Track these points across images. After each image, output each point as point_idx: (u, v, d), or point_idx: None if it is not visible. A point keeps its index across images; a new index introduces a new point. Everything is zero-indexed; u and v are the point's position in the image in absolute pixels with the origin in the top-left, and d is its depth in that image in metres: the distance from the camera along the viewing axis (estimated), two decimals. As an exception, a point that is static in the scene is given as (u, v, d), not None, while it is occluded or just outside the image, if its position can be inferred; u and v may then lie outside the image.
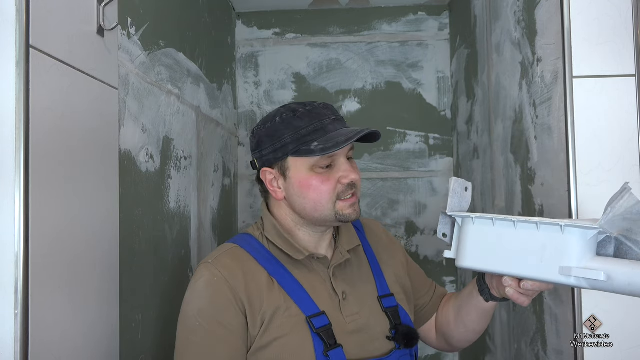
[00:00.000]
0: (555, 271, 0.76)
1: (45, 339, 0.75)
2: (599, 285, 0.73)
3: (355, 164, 0.98)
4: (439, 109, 2.15)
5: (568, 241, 0.75)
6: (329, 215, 0.93)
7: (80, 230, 0.85)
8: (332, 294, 0.96)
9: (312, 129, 0.92)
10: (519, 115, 1.29)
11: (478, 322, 1.01)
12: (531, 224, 0.79)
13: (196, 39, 1.58)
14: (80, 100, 0.85)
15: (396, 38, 2.16)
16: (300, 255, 0.95)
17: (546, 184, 1.12)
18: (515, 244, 0.81)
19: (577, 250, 0.74)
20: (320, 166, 0.92)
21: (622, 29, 0.98)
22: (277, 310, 0.90)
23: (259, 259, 0.95)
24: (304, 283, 0.94)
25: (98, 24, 0.90)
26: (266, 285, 0.92)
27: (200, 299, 0.91)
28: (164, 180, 1.27)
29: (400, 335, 0.96)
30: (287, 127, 0.93)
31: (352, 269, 1.01)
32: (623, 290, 0.71)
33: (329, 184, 0.92)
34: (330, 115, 0.94)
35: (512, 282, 0.83)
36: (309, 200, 0.93)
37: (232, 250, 0.96)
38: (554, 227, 0.76)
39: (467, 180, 0.97)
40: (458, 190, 0.88)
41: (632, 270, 0.70)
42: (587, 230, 0.74)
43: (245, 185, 2.15)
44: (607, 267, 0.72)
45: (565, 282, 0.76)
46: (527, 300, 0.85)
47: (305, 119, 0.92)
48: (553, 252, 0.76)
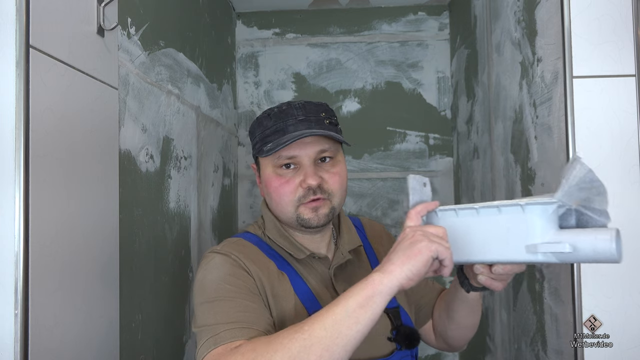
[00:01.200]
0: (523, 251, 0.76)
1: (45, 339, 0.75)
2: (566, 257, 0.73)
3: (332, 167, 0.95)
4: (439, 109, 2.15)
5: (530, 219, 0.76)
6: (291, 217, 0.93)
7: (80, 230, 0.85)
8: (333, 294, 0.96)
9: (274, 130, 0.93)
10: (519, 115, 1.29)
11: (466, 316, 1.00)
12: (493, 208, 0.79)
13: (196, 39, 1.58)
14: (80, 100, 0.85)
15: (396, 38, 2.16)
16: (301, 255, 0.95)
17: (546, 184, 1.12)
18: (481, 231, 0.81)
19: (540, 227, 0.75)
20: (279, 167, 0.93)
21: (622, 29, 0.98)
22: (287, 303, 0.90)
23: (265, 252, 0.95)
24: (308, 282, 0.95)
25: (98, 24, 0.90)
26: (277, 276, 0.92)
27: (219, 269, 0.88)
28: (164, 180, 1.27)
29: (401, 336, 0.96)
30: (258, 126, 0.96)
31: (353, 269, 1.01)
32: (589, 257, 0.72)
33: (288, 186, 0.92)
34: (298, 116, 0.93)
35: (482, 269, 0.84)
36: (273, 201, 0.95)
37: (238, 241, 0.96)
38: (515, 207, 0.77)
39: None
40: (417, 187, 0.87)
41: (595, 237, 0.71)
42: (547, 206, 0.75)
43: (245, 185, 2.15)
44: (570, 238, 0.73)
45: (535, 260, 0.76)
46: (500, 285, 0.85)
47: (272, 119, 0.94)
48: (518, 232, 0.77)
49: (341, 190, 0.96)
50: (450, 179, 2.12)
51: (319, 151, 0.93)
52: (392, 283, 0.72)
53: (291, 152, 0.92)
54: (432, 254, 0.73)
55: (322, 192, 0.93)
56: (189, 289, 1.43)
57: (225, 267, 0.88)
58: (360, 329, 0.71)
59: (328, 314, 0.72)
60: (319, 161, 0.94)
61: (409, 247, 0.74)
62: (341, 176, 0.96)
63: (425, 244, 0.73)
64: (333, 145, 0.96)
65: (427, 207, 0.82)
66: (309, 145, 0.92)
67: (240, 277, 0.87)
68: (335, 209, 0.96)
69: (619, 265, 0.95)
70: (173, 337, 1.32)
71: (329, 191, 0.94)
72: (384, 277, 0.72)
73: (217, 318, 0.82)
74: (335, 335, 0.70)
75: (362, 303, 0.71)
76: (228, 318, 0.81)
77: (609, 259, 0.70)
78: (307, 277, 0.95)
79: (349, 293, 0.73)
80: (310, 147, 0.92)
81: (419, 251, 0.73)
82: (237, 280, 0.86)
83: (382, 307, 0.72)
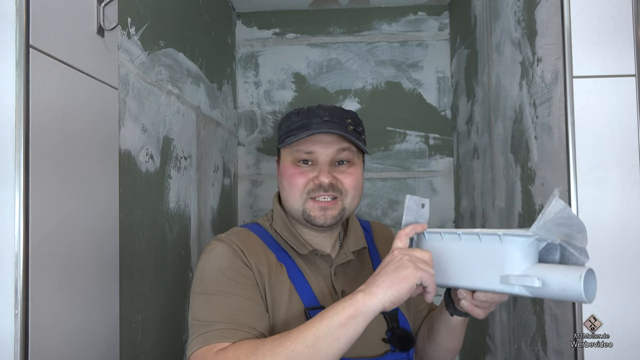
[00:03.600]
0: (498, 280, 0.77)
1: (45, 339, 0.75)
2: (537, 291, 0.74)
3: (347, 168, 0.97)
4: (439, 109, 2.15)
5: (507, 250, 0.77)
6: (297, 210, 0.96)
7: (80, 230, 0.85)
8: (332, 291, 0.97)
9: (299, 125, 0.96)
10: (519, 115, 1.29)
11: (447, 339, 1.01)
12: (474, 235, 0.81)
13: (196, 39, 1.58)
14: (80, 100, 0.85)
15: (396, 38, 2.16)
16: (304, 250, 0.97)
17: (546, 184, 1.12)
18: (463, 256, 0.83)
19: (516, 259, 0.76)
20: (298, 160, 0.96)
21: (622, 29, 0.98)
22: (281, 294, 0.92)
23: (268, 244, 0.98)
24: (307, 276, 0.96)
25: (98, 24, 0.90)
26: (275, 267, 0.94)
27: (220, 260, 0.91)
28: (164, 180, 1.27)
29: (396, 338, 0.97)
30: (286, 120, 1.00)
31: (355, 270, 1.02)
32: (558, 295, 0.72)
33: (301, 178, 0.95)
34: (323, 116, 0.96)
35: (465, 295, 0.85)
36: (284, 190, 0.98)
37: (243, 231, 0.99)
38: (493, 237, 0.78)
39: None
40: (413, 207, 0.89)
41: (564, 275, 0.71)
42: (523, 238, 0.76)
43: (245, 185, 2.15)
44: (541, 273, 0.73)
45: (509, 291, 0.77)
46: (482, 312, 0.86)
47: (300, 116, 0.98)
48: (495, 261, 0.78)
49: (354, 191, 0.97)
50: (450, 179, 2.12)
51: (337, 150, 0.96)
52: (376, 306, 0.76)
53: (310, 148, 0.95)
54: (417, 281, 0.77)
55: (335, 190, 0.95)
56: (189, 289, 1.43)
57: (226, 258, 0.91)
58: (339, 347, 0.75)
59: (310, 330, 0.75)
60: (337, 163, 0.97)
61: (395, 271, 0.77)
62: (356, 178, 0.98)
63: (411, 270, 0.77)
64: (352, 150, 0.98)
65: (415, 229, 0.85)
66: (328, 144, 0.96)
67: (239, 270, 0.89)
68: (346, 209, 0.97)
69: (619, 266, 0.96)
70: (173, 337, 1.32)
71: (342, 190, 0.96)
72: (367, 300, 0.76)
73: (210, 314, 0.84)
74: (316, 352, 0.74)
75: (344, 322, 0.75)
76: (220, 316, 0.83)
77: (576, 298, 0.70)
78: (307, 272, 0.97)
79: (332, 310, 0.76)
80: (330, 146, 0.95)
81: (404, 278, 0.76)
82: (235, 274, 0.88)
83: (363, 327, 0.76)
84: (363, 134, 1.03)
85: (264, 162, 2.16)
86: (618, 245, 0.96)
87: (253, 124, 2.17)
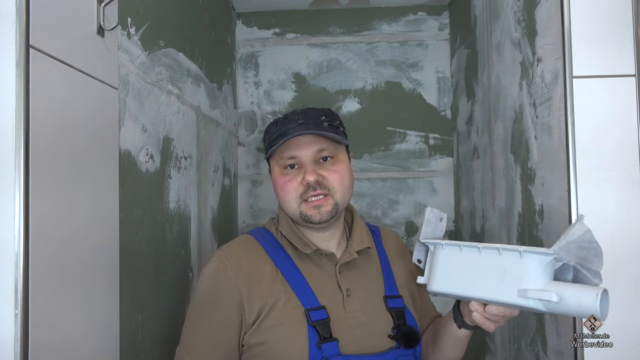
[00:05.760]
0: (514, 294, 0.81)
1: (45, 339, 0.75)
2: (553, 306, 0.78)
3: (332, 165, 1.01)
4: (439, 109, 2.15)
5: (526, 265, 0.80)
6: (295, 213, 1.01)
7: (80, 230, 0.85)
8: (337, 289, 1.00)
9: (277, 134, 1.01)
10: (519, 115, 1.29)
11: (451, 349, 1.04)
12: (494, 249, 0.84)
13: (196, 39, 1.58)
14: (80, 100, 0.85)
15: (396, 38, 2.16)
16: (307, 249, 1.00)
17: (546, 184, 1.12)
18: (480, 268, 0.86)
19: (534, 274, 0.80)
20: (284, 167, 1.02)
21: (622, 29, 0.98)
22: (277, 301, 0.95)
23: (268, 250, 1.02)
24: (309, 277, 0.99)
25: (98, 24, 0.90)
26: (269, 276, 0.98)
27: (204, 281, 1.00)
28: (164, 180, 1.27)
29: (401, 335, 0.99)
30: (267, 133, 1.07)
31: (360, 268, 1.05)
32: (574, 310, 0.76)
33: (291, 184, 1.00)
34: (298, 120, 1.01)
35: (478, 307, 0.87)
36: (280, 198, 1.04)
37: (245, 240, 1.05)
38: (514, 252, 0.82)
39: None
40: (432, 219, 0.95)
41: (581, 293, 0.75)
42: (544, 256, 0.79)
43: (245, 185, 2.15)
44: (559, 289, 0.77)
45: (524, 305, 0.80)
46: (492, 325, 0.88)
47: (277, 125, 1.03)
48: (513, 275, 0.82)
49: (342, 187, 1.01)
50: (450, 179, 2.12)
51: (317, 150, 1.01)
52: None
53: (291, 153, 1.00)
54: None
55: (322, 187, 0.99)
56: (189, 289, 1.44)
57: (206, 282, 1.00)
58: None
59: None
60: (321, 160, 1.01)
61: None
62: (341, 173, 1.01)
63: None
64: (332, 145, 1.02)
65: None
66: (307, 145, 1.00)
67: (211, 299, 0.98)
68: (339, 204, 1.01)
69: (619, 266, 0.96)
70: (173, 337, 1.31)
71: (329, 187, 1.00)
72: None
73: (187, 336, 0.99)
74: None
75: None
76: (190, 342, 0.98)
77: (590, 314, 0.75)
78: (310, 272, 1.00)
79: None
80: (309, 147, 1.00)
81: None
82: (210, 312, 0.97)
83: None
84: (341, 127, 1.07)
85: (264, 162, 2.15)
86: (618, 245, 0.96)
87: (253, 124, 2.17)
